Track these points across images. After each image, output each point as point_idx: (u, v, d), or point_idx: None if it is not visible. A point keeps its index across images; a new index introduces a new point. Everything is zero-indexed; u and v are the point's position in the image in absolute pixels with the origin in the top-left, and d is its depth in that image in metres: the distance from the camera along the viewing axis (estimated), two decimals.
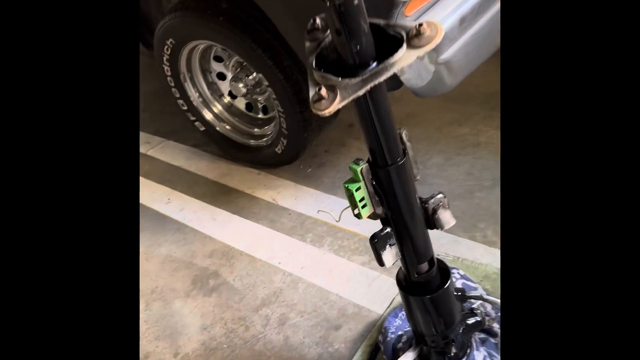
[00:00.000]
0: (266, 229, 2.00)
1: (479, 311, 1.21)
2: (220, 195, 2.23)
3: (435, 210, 1.02)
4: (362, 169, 0.93)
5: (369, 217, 0.99)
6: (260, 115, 2.26)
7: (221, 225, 2.08)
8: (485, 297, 1.22)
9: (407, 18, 1.55)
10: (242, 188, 2.23)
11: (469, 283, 1.54)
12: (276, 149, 2.13)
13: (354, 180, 0.95)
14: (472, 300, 1.25)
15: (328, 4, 0.76)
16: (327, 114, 0.81)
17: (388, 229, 1.00)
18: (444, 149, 2.13)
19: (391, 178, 0.95)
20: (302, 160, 2.22)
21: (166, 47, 2.10)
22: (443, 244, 1.72)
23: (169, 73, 2.21)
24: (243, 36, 1.81)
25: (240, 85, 2.11)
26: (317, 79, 0.83)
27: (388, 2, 1.45)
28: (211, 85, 2.28)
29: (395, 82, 1.61)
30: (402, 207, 0.98)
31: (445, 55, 1.51)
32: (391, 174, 0.94)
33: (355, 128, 2.38)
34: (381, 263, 1.02)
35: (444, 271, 1.12)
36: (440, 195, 1.03)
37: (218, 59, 2.18)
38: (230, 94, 2.27)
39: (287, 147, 2.07)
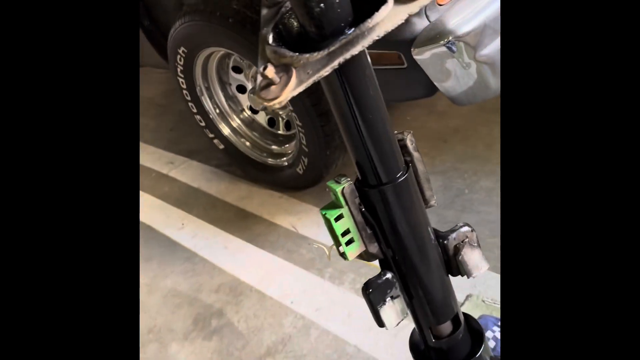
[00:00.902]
0: (281, 261, 1.74)
1: None
2: (236, 220, 2.00)
3: (458, 250, 0.72)
4: (343, 189, 0.65)
5: (360, 257, 0.70)
6: (282, 132, 2.03)
7: (233, 255, 1.84)
8: None
9: (440, 7, 1.27)
10: (261, 213, 1.99)
11: None
12: (297, 169, 1.88)
13: (335, 205, 0.67)
14: None
15: None
16: (277, 105, 0.55)
17: (389, 275, 0.72)
18: (496, 169, 1.80)
19: (388, 202, 0.66)
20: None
21: (179, 56, 1.92)
22: (490, 286, 1.39)
23: (184, 86, 2.02)
24: (253, 39, 1.59)
25: None
26: (270, 56, 0.58)
27: None
28: (231, 99, 2.07)
29: (426, 86, 1.32)
30: (406, 244, 0.69)
31: (488, 50, 1.21)
32: (388, 197, 0.66)
33: None
34: (380, 323, 0.73)
35: (476, 333, 0.81)
36: (466, 229, 0.73)
37: (237, 70, 1.98)
38: (251, 108, 2.06)
39: (309, 166, 1.82)
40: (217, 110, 2.06)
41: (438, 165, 1.93)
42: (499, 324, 1.24)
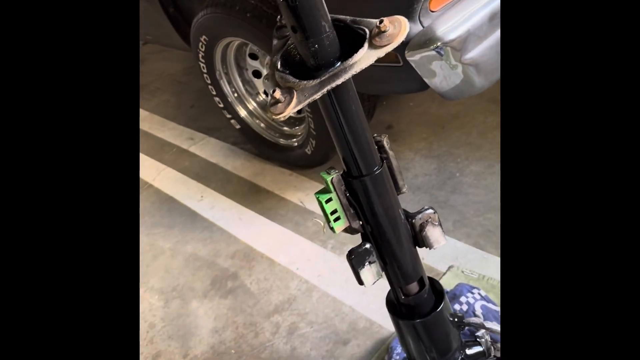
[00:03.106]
0: (289, 233, 1.96)
1: (483, 340, 1.10)
2: (250, 194, 2.22)
3: (423, 227, 0.93)
4: (332, 178, 0.86)
5: (345, 231, 0.92)
6: (293, 115, 2.23)
7: (246, 226, 2.07)
8: (489, 325, 1.10)
9: (432, 14, 1.45)
10: (272, 188, 2.21)
11: (490, 305, 1.41)
12: (306, 150, 2.09)
13: (326, 190, 0.88)
14: (475, 328, 1.14)
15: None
16: (282, 119, 0.76)
17: (367, 245, 0.93)
18: (486, 155, 1.99)
19: (367, 190, 0.87)
20: (333, 162, 2.16)
21: (200, 44, 2.11)
22: (470, 259, 1.60)
23: (205, 70, 2.22)
24: (268, 32, 1.78)
25: None
26: (278, 80, 0.78)
27: None
28: (247, 83, 2.27)
29: (419, 82, 1.51)
30: (381, 222, 0.90)
31: (472, 54, 1.39)
32: (367, 185, 0.87)
33: (395, 130, 2.30)
34: (360, 281, 0.94)
35: (438, 293, 1.02)
36: (429, 211, 0.94)
37: (253, 56, 2.17)
38: (266, 92, 2.25)
39: (316, 147, 2.02)
40: (235, 94, 2.27)
41: (435, 149, 2.12)
42: (473, 291, 1.45)
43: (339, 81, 0.73)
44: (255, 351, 1.59)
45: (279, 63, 0.80)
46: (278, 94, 0.74)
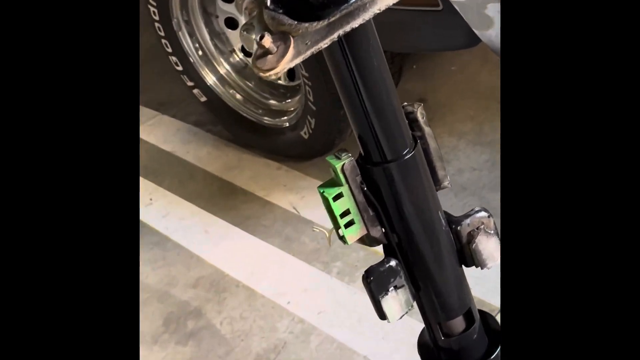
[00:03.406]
0: (277, 251, 1.98)
1: None
2: (220, 197, 2.24)
3: (472, 237, 0.94)
4: (343, 165, 0.87)
5: (361, 241, 0.93)
6: (284, 82, 2.24)
7: (215, 242, 2.09)
8: None
9: None
10: (253, 188, 2.23)
11: None
12: (302, 133, 2.10)
13: (334, 183, 0.89)
14: None
15: None
16: (273, 77, 0.76)
17: (392, 262, 0.93)
18: None
19: (394, 182, 0.88)
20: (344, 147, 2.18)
21: None
22: None
23: (156, 17, 2.24)
24: None
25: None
26: (267, 22, 0.79)
27: None
28: (218, 36, 2.28)
29: (465, 34, 1.53)
30: (413, 228, 0.91)
31: None
32: (393, 176, 0.87)
33: (430, 105, 2.31)
34: (382, 315, 0.95)
35: (494, 333, 1.03)
36: (482, 214, 0.94)
37: None
38: (244, 49, 2.27)
39: (317, 129, 2.04)
40: (200, 52, 2.28)
41: (487, 133, 2.13)
42: None
43: (355, 23, 0.73)
44: None
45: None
46: (268, 41, 0.75)
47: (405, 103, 0.90)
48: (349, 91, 0.84)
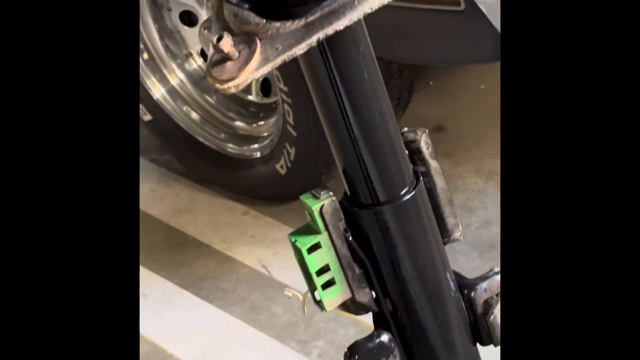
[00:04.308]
0: (240, 325, 1.99)
1: None
2: (165, 250, 2.26)
3: (488, 307, 0.97)
4: (322, 206, 0.90)
5: (343, 308, 0.96)
6: (255, 98, 2.28)
7: (157, 310, 2.09)
8: None
9: None
10: (210, 239, 2.25)
11: None
12: (277, 166, 2.13)
13: (310, 229, 0.92)
14: None
15: None
16: (233, 89, 0.78)
17: (384, 337, 0.96)
18: None
19: (388, 230, 0.91)
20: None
21: None
22: None
23: None
24: None
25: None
26: (228, 19, 0.82)
27: None
28: (169, 35, 2.32)
29: (494, 44, 1.57)
30: (412, 293, 0.94)
31: None
32: (387, 223, 0.90)
33: (450, 134, 2.35)
34: None
35: None
36: (499, 277, 0.98)
37: None
38: (204, 53, 2.30)
39: (297, 162, 2.07)
40: (145, 55, 2.31)
41: None
42: None
43: (339, 25, 0.76)
44: None
45: None
46: (228, 44, 0.78)
47: (406, 128, 0.92)
48: (331, 111, 0.86)
